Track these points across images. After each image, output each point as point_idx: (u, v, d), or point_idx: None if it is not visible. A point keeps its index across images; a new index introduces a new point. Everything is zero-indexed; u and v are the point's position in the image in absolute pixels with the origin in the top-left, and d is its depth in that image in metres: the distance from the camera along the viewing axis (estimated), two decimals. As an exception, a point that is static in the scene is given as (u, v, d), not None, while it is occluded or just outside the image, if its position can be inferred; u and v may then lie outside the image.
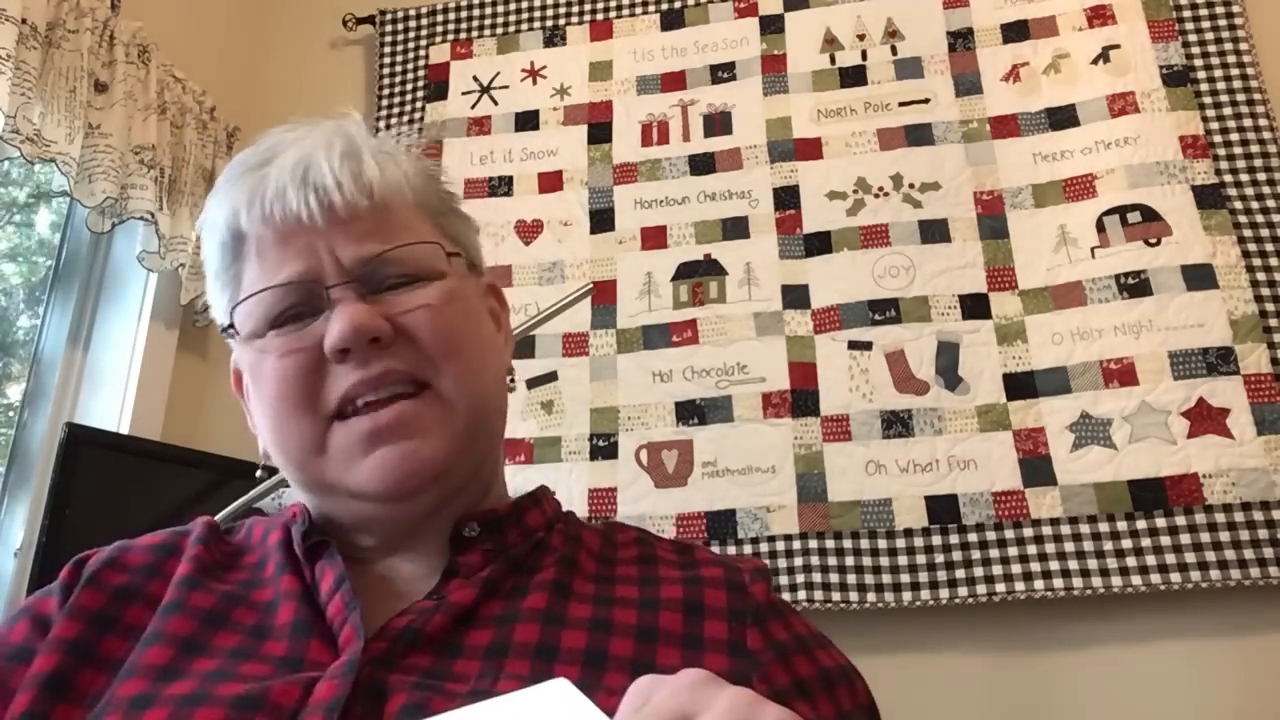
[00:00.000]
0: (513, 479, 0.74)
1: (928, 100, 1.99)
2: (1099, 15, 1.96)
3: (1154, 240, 1.79)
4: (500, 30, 2.25)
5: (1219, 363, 1.69)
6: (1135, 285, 1.77)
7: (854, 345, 1.84)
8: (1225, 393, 1.67)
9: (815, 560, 1.71)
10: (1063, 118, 1.91)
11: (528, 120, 2.15)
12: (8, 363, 1.83)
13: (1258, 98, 1.84)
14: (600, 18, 2.20)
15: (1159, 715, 1.59)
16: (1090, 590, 1.61)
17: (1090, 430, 1.70)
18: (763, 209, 1.97)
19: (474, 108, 2.18)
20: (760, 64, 2.09)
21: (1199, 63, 1.89)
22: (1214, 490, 1.62)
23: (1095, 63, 1.93)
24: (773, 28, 2.11)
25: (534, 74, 2.19)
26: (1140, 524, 1.63)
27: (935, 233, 1.88)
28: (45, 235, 1.95)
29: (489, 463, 0.69)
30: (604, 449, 1.86)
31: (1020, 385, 1.76)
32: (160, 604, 0.60)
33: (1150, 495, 1.64)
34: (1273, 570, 1.56)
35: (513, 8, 2.25)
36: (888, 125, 1.98)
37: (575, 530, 0.70)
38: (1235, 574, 1.57)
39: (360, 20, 2.31)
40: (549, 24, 2.23)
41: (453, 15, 2.28)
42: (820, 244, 1.92)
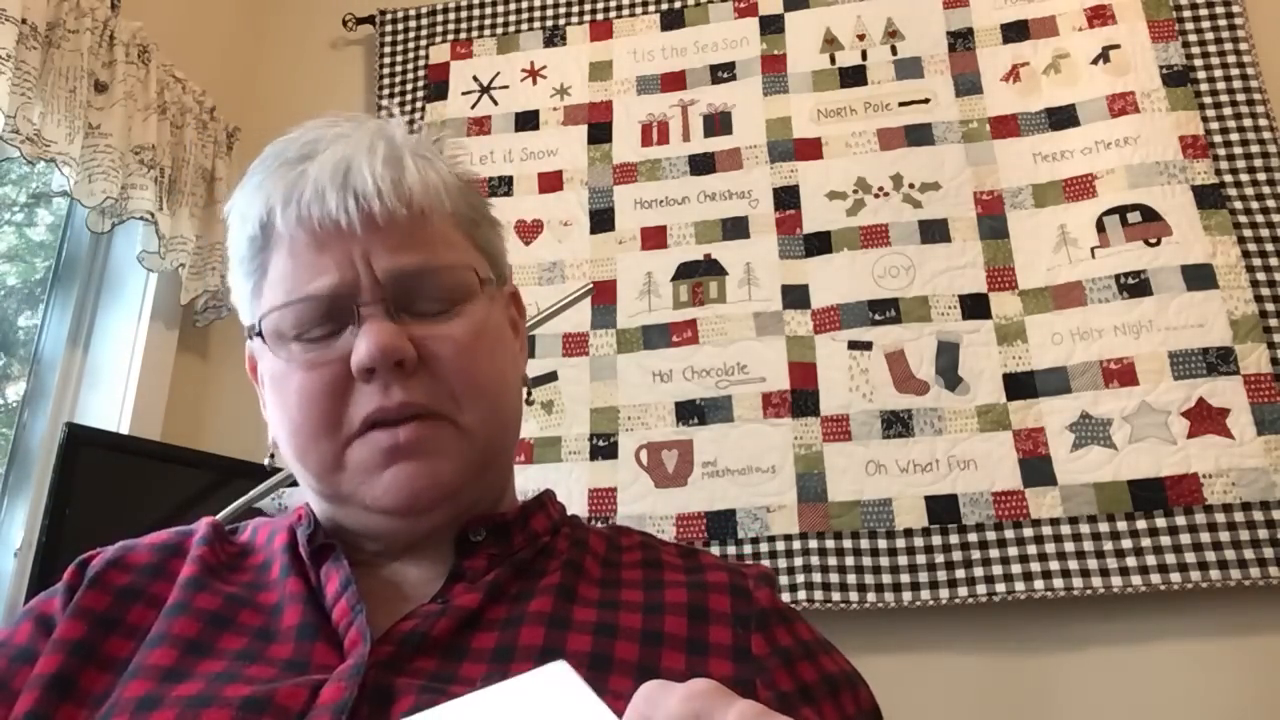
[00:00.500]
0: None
1: (928, 100, 1.99)
2: (1099, 15, 1.96)
3: (1154, 240, 1.79)
4: (500, 30, 2.25)
5: (1219, 363, 1.69)
6: (1135, 285, 1.77)
7: (854, 345, 1.84)
8: (1225, 393, 1.67)
9: (815, 560, 1.71)
10: (1063, 118, 1.91)
11: (528, 120, 2.15)
12: (8, 363, 1.83)
13: (1258, 98, 1.84)
14: (600, 18, 2.20)
15: (1159, 715, 1.59)
16: (1090, 590, 1.61)
17: (1090, 430, 1.71)
18: (763, 209, 1.97)
19: (474, 108, 2.18)
20: (760, 64, 2.09)
21: (1199, 63, 1.89)
22: (1214, 490, 1.62)
23: (1095, 63, 1.93)
24: (773, 28, 2.11)
25: (534, 74, 2.19)
26: (1140, 524, 1.63)
27: (935, 233, 1.88)
28: (45, 235, 1.94)
29: (501, 476, 0.69)
30: (604, 449, 1.86)
31: (1020, 385, 1.76)
32: (165, 605, 0.60)
33: (1150, 495, 1.64)
34: (1273, 570, 1.56)
35: (513, 8, 2.25)
36: (888, 125, 1.98)
37: (581, 534, 0.70)
38: (1235, 574, 1.57)
39: (360, 20, 2.30)
40: (549, 24, 2.23)
41: (453, 15, 2.28)
42: (820, 244, 1.92)
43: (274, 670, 0.56)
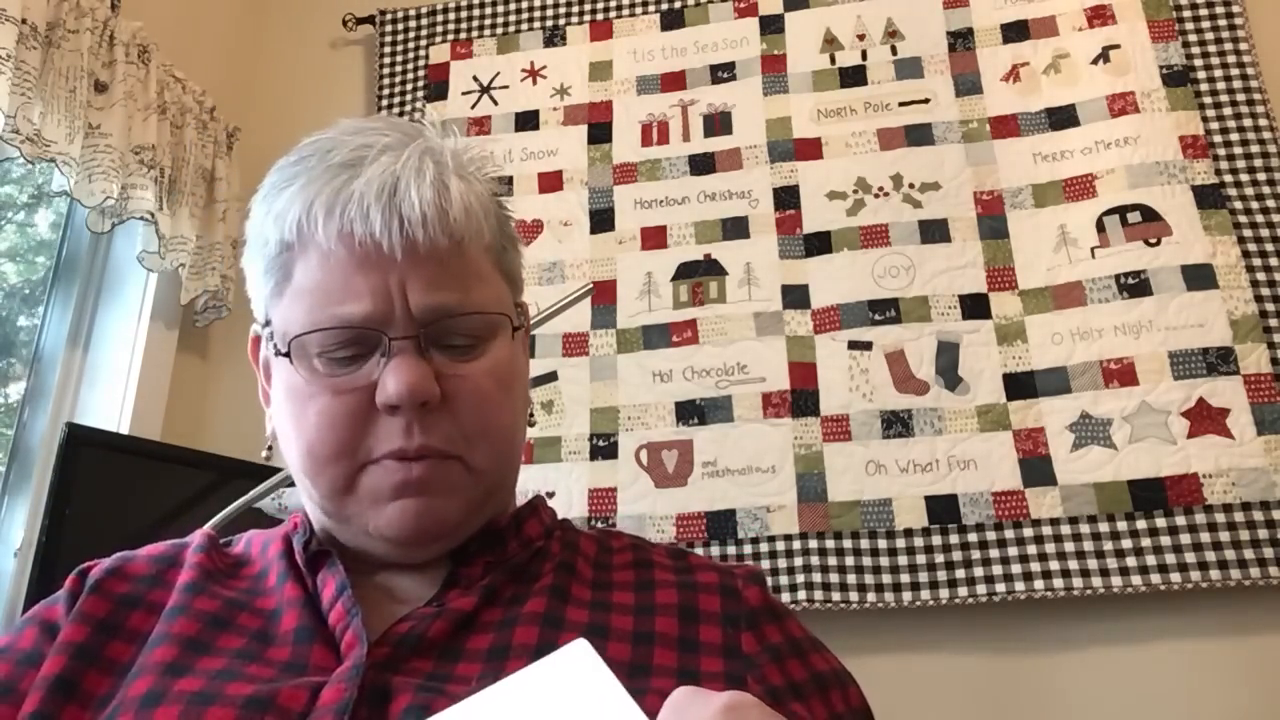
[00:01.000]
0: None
1: (928, 100, 1.99)
2: (1099, 15, 1.96)
3: (1154, 240, 1.79)
4: (500, 30, 2.25)
5: (1219, 363, 1.69)
6: (1135, 285, 1.77)
7: (854, 345, 1.84)
8: (1225, 393, 1.67)
9: (815, 560, 1.71)
10: (1063, 118, 1.91)
11: (528, 120, 2.15)
12: (8, 362, 1.83)
13: (1258, 98, 1.84)
14: (600, 18, 2.20)
15: (1159, 715, 1.59)
16: (1090, 590, 1.61)
17: (1090, 430, 1.71)
18: (763, 209, 1.97)
19: (474, 108, 2.18)
20: (760, 64, 2.09)
21: (1199, 63, 1.89)
22: (1214, 490, 1.63)
23: (1095, 63, 1.93)
24: (773, 28, 2.11)
25: (534, 74, 2.19)
26: (1140, 524, 1.63)
27: (935, 233, 1.89)
28: (47, 234, 1.94)
29: (502, 503, 0.70)
30: (604, 449, 1.86)
31: (1020, 385, 1.76)
32: (164, 609, 0.61)
33: (1150, 495, 1.64)
34: (1273, 570, 1.57)
35: (513, 8, 2.25)
36: (888, 125, 1.98)
37: (572, 537, 0.71)
38: (1235, 574, 1.57)
39: (360, 20, 2.31)
40: (549, 24, 2.23)
41: (453, 15, 2.28)
42: (820, 244, 1.92)
43: (272, 671, 0.56)
